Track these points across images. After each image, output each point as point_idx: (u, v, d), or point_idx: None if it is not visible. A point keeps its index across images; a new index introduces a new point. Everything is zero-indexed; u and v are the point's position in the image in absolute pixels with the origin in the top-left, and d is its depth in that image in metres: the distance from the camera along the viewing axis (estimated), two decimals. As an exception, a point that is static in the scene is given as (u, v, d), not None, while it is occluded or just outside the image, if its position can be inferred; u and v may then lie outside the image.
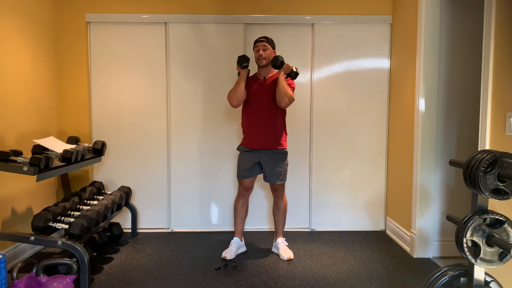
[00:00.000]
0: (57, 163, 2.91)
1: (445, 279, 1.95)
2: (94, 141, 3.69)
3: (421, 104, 3.23)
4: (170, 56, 3.86)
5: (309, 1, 3.86)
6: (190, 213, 3.97)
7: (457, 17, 3.24)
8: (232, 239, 3.38)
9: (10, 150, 2.69)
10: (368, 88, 3.93)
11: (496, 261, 1.81)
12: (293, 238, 3.73)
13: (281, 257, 3.24)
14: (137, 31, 3.85)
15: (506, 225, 1.80)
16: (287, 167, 3.34)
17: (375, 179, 4.00)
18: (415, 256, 3.29)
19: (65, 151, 2.95)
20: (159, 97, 3.90)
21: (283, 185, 3.35)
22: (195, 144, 3.94)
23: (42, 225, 2.66)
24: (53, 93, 3.71)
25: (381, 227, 4.02)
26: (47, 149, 3.04)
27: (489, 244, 1.80)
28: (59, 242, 2.57)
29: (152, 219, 3.97)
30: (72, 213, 2.95)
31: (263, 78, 3.28)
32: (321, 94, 3.94)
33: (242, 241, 3.40)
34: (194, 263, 3.14)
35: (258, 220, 3.99)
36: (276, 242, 3.37)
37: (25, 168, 2.55)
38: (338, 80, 3.93)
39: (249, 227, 3.98)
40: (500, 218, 1.80)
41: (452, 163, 2.03)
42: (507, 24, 2.24)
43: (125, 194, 3.56)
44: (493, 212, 1.83)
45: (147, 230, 3.93)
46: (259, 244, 3.57)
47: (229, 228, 3.97)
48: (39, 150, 3.01)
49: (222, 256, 3.22)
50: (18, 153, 2.76)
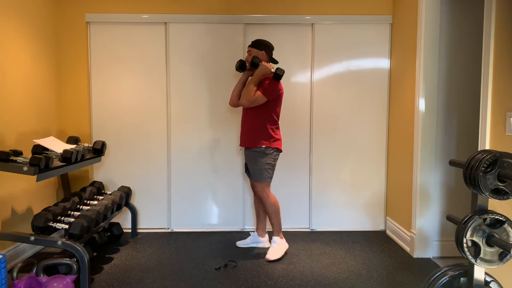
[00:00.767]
0: (57, 163, 2.91)
1: (445, 279, 1.95)
2: (94, 141, 3.69)
3: (421, 104, 3.23)
4: (170, 56, 3.86)
5: (309, 1, 3.86)
6: (190, 213, 3.97)
7: (457, 17, 3.24)
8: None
9: (10, 150, 2.69)
10: (368, 88, 3.93)
11: (496, 261, 1.81)
12: (293, 238, 3.74)
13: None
14: (137, 31, 3.85)
15: (506, 225, 1.80)
16: (267, 167, 3.22)
17: (375, 179, 4.00)
18: (415, 256, 3.29)
19: (65, 151, 2.95)
20: (159, 97, 3.90)
21: (262, 184, 3.24)
22: (195, 144, 3.94)
23: (42, 225, 2.66)
24: (53, 93, 3.71)
25: (381, 227, 4.02)
26: (47, 149, 3.04)
27: (489, 244, 1.80)
28: (59, 242, 2.57)
29: (152, 219, 3.97)
30: (72, 213, 2.95)
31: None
32: (321, 94, 3.94)
33: (260, 236, 3.48)
34: (194, 263, 3.14)
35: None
36: (272, 240, 3.32)
37: (25, 168, 2.55)
38: (338, 80, 3.93)
39: (249, 227, 3.99)
40: (500, 218, 1.80)
41: (452, 163, 2.03)
42: (507, 24, 2.24)
43: (125, 194, 3.56)
44: (493, 212, 1.83)
45: (147, 230, 3.93)
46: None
47: (229, 228, 3.97)
48: (39, 150, 3.01)
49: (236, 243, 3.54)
50: (18, 153, 2.76)
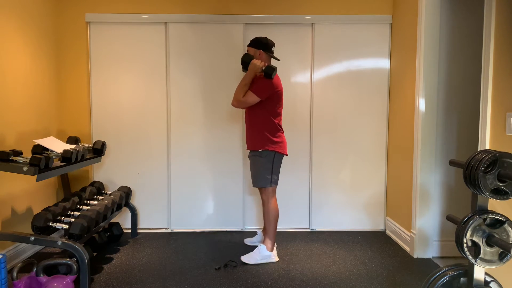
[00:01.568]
0: (57, 163, 2.91)
1: (445, 279, 1.95)
2: (94, 141, 3.69)
3: (421, 104, 3.23)
4: (170, 56, 3.86)
5: (309, 1, 3.86)
6: (190, 213, 3.97)
7: (457, 17, 3.24)
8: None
9: (10, 150, 2.69)
10: (368, 88, 3.93)
11: (496, 261, 1.81)
12: (293, 238, 3.74)
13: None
14: (137, 31, 3.85)
15: (506, 225, 1.80)
16: (263, 171, 3.14)
17: (375, 179, 4.00)
18: (415, 256, 3.29)
19: (65, 151, 2.95)
20: (159, 97, 3.90)
21: (264, 190, 3.18)
22: (195, 144, 3.94)
23: (42, 225, 2.66)
24: (53, 93, 3.71)
25: (381, 227, 4.02)
26: (47, 149, 3.04)
27: (489, 244, 1.80)
28: (59, 242, 2.57)
29: (152, 219, 3.97)
30: (72, 213, 2.95)
31: None
32: (321, 94, 3.94)
33: (260, 237, 3.52)
34: (194, 263, 3.14)
35: (260, 221, 3.98)
36: (260, 245, 3.18)
37: (25, 168, 2.55)
38: (338, 80, 3.93)
39: (249, 227, 3.99)
40: (500, 218, 1.80)
41: (452, 163, 2.03)
42: (507, 24, 2.24)
43: (125, 194, 3.56)
44: (493, 212, 1.83)
45: (147, 230, 3.93)
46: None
47: (229, 228, 3.97)
48: (39, 150, 3.01)
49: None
50: (18, 153, 2.76)
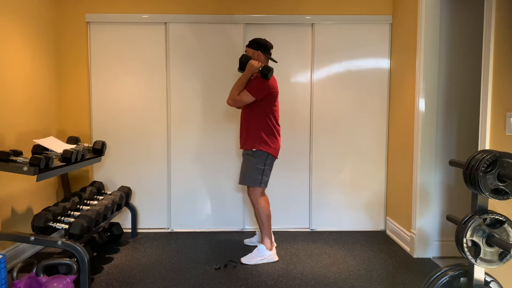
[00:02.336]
0: (57, 163, 2.91)
1: (445, 279, 1.95)
2: (94, 141, 3.68)
3: (421, 104, 3.23)
4: (170, 56, 3.86)
5: (309, 1, 3.86)
6: (190, 213, 3.97)
7: (457, 17, 3.24)
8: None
9: (10, 150, 2.69)
10: (368, 88, 3.93)
11: (496, 261, 1.81)
12: (293, 238, 3.74)
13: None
14: (137, 31, 3.85)
15: (506, 225, 1.80)
16: (253, 171, 3.15)
17: (375, 179, 4.00)
18: (415, 256, 3.29)
19: (65, 151, 2.95)
20: (159, 97, 3.90)
21: (252, 190, 3.19)
22: (195, 144, 3.94)
23: (42, 225, 2.66)
24: (53, 93, 3.71)
25: (381, 227, 4.02)
26: (47, 149, 3.04)
27: (489, 244, 1.80)
28: (59, 242, 2.57)
29: (152, 219, 3.97)
30: (72, 213, 2.95)
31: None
32: (321, 94, 3.94)
33: (259, 237, 3.48)
34: (194, 263, 3.14)
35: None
36: (259, 246, 3.19)
37: (25, 168, 2.55)
38: (338, 80, 3.93)
39: (249, 227, 3.99)
40: (500, 218, 1.80)
41: (452, 163, 2.03)
42: (507, 24, 2.24)
43: (125, 194, 3.55)
44: (493, 212, 1.83)
45: (147, 230, 3.93)
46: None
47: (229, 228, 3.97)
48: (39, 150, 3.01)
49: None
50: (18, 153, 2.76)
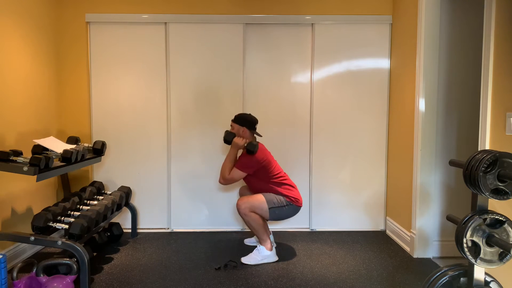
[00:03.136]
0: (57, 163, 2.91)
1: (445, 279, 1.95)
2: (94, 141, 3.68)
3: (421, 104, 3.23)
4: (170, 56, 3.86)
5: (309, 1, 3.86)
6: (190, 213, 3.97)
7: (457, 17, 3.24)
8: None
9: (10, 150, 2.69)
10: (368, 88, 3.93)
11: (496, 261, 1.81)
12: (293, 238, 3.74)
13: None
14: (137, 31, 3.85)
15: (506, 225, 1.80)
16: (269, 204, 3.14)
17: (375, 179, 4.00)
18: (415, 256, 3.29)
19: (65, 151, 2.95)
20: (159, 97, 3.90)
21: (244, 202, 3.17)
22: (195, 144, 3.94)
23: (42, 225, 2.66)
24: (53, 93, 3.71)
25: (381, 227, 4.02)
26: (47, 149, 3.04)
27: (489, 244, 1.80)
28: (59, 242, 2.57)
29: (152, 219, 3.97)
30: (72, 213, 2.95)
31: None
32: (321, 94, 3.94)
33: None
34: (194, 263, 3.14)
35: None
36: (258, 246, 3.20)
37: (25, 168, 2.55)
38: (338, 80, 3.93)
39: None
40: (500, 218, 1.80)
41: (452, 163, 2.03)
42: (507, 24, 2.24)
43: (125, 194, 3.55)
44: (493, 212, 1.83)
45: (147, 230, 3.93)
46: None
47: (229, 228, 3.97)
48: (39, 150, 3.01)
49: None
50: (18, 153, 2.76)
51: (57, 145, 3.12)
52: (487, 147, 2.38)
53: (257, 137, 3.39)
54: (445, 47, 3.24)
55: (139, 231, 3.89)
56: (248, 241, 3.58)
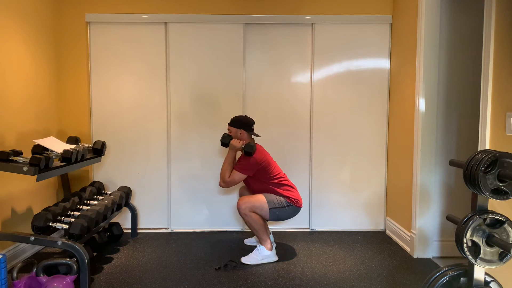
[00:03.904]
0: (57, 163, 2.91)
1: (445, 279, 1.95)
2: (94, 141, 3.68)
3: (421, 104, 3.23)
4: (170, 56, 3.86)
5: (309, 1, 3.86)
6: (190, 213, 3.97)
7: (457, 17, 3.24)
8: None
9: (10, 150, 2.69)
10: (368, 88, 3.93)
11: (496, 261, 1.81)
12: (293, 238, 3.74)
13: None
14: (137, 31, 3.85)
15: (506, 225, 1.80)
16: (271, 204, 3.16)
17: (375, 179, 4.00)
18: (415, 256, 3.29)
19: (65, 151, 2.95)
20: (159, 97, 3.90)
21: (244, 202, 3.18)
22: (195, 144, 3.94)
23: (42, 225, 2.66)
24: (53, 93, 3.71)
25: (381, 227, 4.02)
26: (47, 149, 3.04)
27: (489, 244, 1.80)
28: (59, 242, 2.57)
29: (152, 219, 3.97)
30: (72, 213, 2.95)
31: None
32: (321, 94, 3.94)
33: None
34: (194, 263, 3.14)
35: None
36: (259, 246, 3.21)
37: (25, 168, 2.55)
38: (338, 80, 3.93)
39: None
40: (500, 218, 1.80)
41: (452, 163, 2.03)
42: (507, 24, 2.24)
43: (125, 194, 3.55)
44: (493, 212, 1.83)
45: (147, 230, 3.93)
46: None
47: (229, 228, 3.97)
48: (39, 150, 3.01)
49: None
50: (18, 153, 2.76)
51: (57, 145, 3.12)
52: (487, 147, 2.38)
53: (255, 138, 3.39)
54: (445, 47, 3.24)
55: (139, 231, 3.89)
56: (248, 241, 3.58)
